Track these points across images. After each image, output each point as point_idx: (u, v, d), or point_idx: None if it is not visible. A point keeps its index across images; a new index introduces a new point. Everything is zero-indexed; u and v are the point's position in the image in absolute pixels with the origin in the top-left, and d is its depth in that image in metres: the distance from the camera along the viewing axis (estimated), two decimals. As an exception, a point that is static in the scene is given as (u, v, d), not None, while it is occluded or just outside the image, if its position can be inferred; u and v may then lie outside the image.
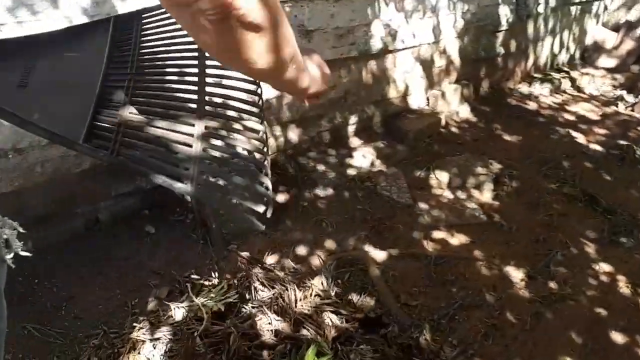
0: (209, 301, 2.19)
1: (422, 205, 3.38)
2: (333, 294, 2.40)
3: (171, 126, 1.11)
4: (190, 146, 1.08)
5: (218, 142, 1.14)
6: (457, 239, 3.09)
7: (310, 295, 2.20)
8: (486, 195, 3.51)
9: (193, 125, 1.12)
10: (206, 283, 2.58)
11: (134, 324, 2.29)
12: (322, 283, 2.40)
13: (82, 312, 2.64)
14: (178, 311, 2.24)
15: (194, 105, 1.19)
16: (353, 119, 4.05)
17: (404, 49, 4.05)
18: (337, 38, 3.56)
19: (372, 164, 3.82)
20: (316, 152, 3.86)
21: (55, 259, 2.94)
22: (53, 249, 2.99)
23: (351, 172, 3.72)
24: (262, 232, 3.11)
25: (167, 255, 2.98)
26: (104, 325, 2.53)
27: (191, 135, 1.09)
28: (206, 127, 1.11)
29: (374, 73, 4.00)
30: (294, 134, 3.72)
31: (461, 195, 3.51)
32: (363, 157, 3.87)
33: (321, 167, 3.70)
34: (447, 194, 3.52)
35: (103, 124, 1.13)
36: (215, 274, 2.50)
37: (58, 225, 2.99)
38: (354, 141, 4.08)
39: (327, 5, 3.37)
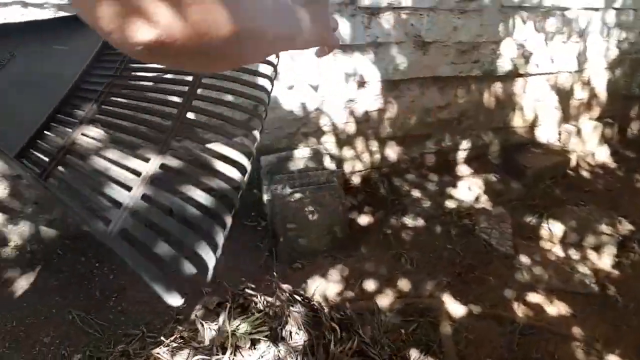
0: (240, 330, 1.96)
1: (524, 259, 2.90)
2: (378, 349, 2.07)
3: (123, 158, 0.87)
4: (130, 188, 0.82)
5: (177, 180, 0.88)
6: (556, 308, 2.60)
7: (351, 348, 1.88)
8: (605, 260, 2.94)
9: (148, 160, 0.86)
10: (256, 300, 2.37)
11: (161, 338, 2.13)
12: (371, 334, 2.08)
13: (129, 306, 2.54)
14: (209, 333, 2.04)
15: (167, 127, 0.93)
16: (465, 145, 3.63)
17: (537, 74, 3.55)
18: (459, 54, 3.17)
19: (477, 199, 3.38)
20: (415, 175, 3.49)
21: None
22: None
23: (450, 204, 3.31)
24: (331, 255, 2.84)
25: (229, 261, 2.81)
26: (145, 326, 2.41)
27: (138, 174, 0.84)
28: (163, 166, 0.86)
29: (497, 97, 3.54)
30: (392, 152, 3.39)
31: (574, 255, 2.98)
32: (468, 189, 3.44)
33: (416, 193, 3.34)
34: (557, 251, 3.00)
35: (53, 137, 0.91)
36: (261, 297, 2.26)
37: (130, 210, 2.93)
38: (462, 169, 3.65)
39: (451, 17, 2.99)
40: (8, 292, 2.59)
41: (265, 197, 2.85)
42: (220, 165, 0.86)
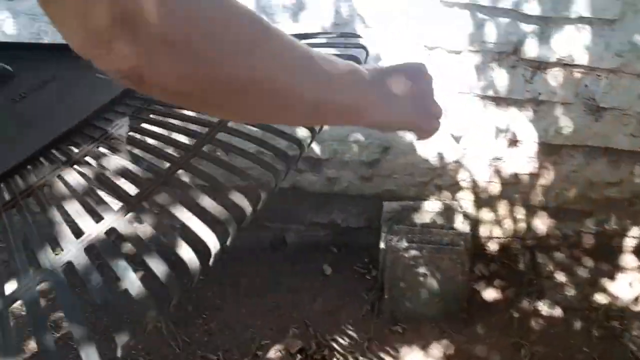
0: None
1: (680, 389, 2.33)
2: None
3: (79, 213, 0.76)
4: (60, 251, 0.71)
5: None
6: None
7: None
8: None
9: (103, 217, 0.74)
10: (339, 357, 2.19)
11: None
12: None
13: (216, 328, 2.50)
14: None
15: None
16: (635, 232, 3.05)
17: None
18: (642, 126, 2.68)
19: (636, 300, 2.80)
20: (565, 255, 3.00)
21: (228, 264, 2.84)
22: (233, 254, 2.92)
23: (600, 298, 2.79)
24: (439, 327, 2.53)
25: (327, 305, 2.66)
26: (223, 353, 2.36)
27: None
28: (111, 231, 0.73)
29: (688, 183, 2.93)
30: (542, 224, 2.97)
31: None
32: (629, 286, 2.88)
33: (561, 277, 2.87)
34: None
35: (32, 174, 0.84)
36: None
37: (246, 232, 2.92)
38: (627, 260, 3.07)
39: (637, 82, 2.52)
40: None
41: (382, 246, 2.64)
42: (181, 247, 0.71)
